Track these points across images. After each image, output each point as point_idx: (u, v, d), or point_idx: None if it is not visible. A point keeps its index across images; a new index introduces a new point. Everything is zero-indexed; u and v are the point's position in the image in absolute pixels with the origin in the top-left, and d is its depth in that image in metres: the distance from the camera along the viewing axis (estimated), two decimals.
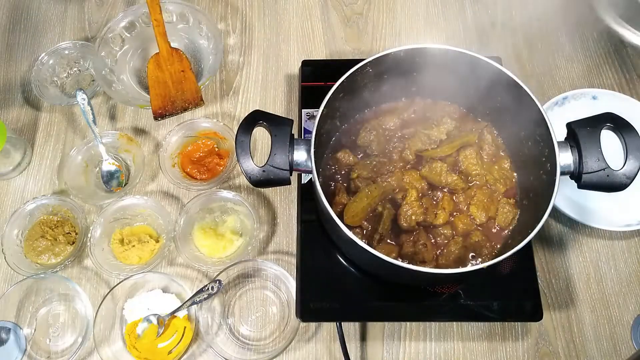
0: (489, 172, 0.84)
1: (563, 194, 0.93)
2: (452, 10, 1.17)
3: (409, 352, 0.88)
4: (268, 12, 1.18)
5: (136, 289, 0.91)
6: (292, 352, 0.88)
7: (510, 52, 1.11)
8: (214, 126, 1.01)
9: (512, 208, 0.82)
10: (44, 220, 0.95)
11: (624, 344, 0.88)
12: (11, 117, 1.07)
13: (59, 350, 0.89)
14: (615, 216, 0.93)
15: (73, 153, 0.98)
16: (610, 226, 0.92)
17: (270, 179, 0.73)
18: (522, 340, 0.88)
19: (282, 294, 0.92)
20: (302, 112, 0.97)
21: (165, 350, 0.86)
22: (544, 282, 0.92)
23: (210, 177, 0.98)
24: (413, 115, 0.90)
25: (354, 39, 1.15)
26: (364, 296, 0.86)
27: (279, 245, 0.96)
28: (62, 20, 1.17)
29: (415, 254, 0.79)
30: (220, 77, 1.10)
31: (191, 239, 0.94)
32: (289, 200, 0.99)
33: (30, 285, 0.90)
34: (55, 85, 1.10)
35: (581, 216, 0.92)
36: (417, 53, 0.80)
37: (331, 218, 0.70)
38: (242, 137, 0.73)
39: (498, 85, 0.80)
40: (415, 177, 0.83)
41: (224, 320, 0.90)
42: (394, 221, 0.81)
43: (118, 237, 0.94)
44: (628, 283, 0.92)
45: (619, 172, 0.71)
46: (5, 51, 1.13)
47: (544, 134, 0.74)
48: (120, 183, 0.99)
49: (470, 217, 0.82)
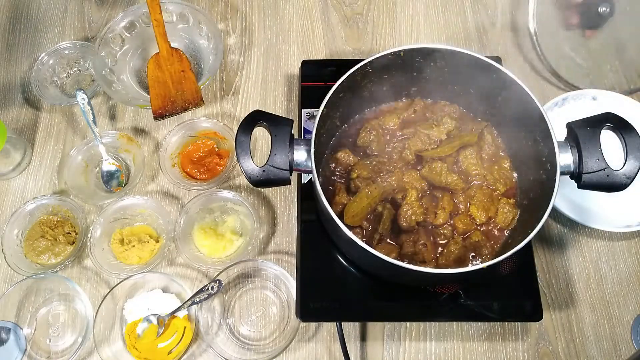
0: (489, 172, 0.84)
1: (563, 194, 0.93)
2: (452, 10, 1.17)
3: (409, 352, 0.88)
4: (268, 12, 1.18)
5: (136, 289, 0.91)
6: (292, 352, 0.88)
7: (511, 52, 1.11)
8: (214, 126, 1.01)
9: (512, 208, 0.82)
10: (44, 220, 0.95)
11: (624, 344, 0.88)
12: (11, 117, 1.07)
13: (59, 350, 0.89)
14: (615, 217, 0.93)
15: (73, 153, 0.98)
16: (611, 227, 0.92)
17: (270, 179, 0.73)
18: (522, 340, 0.88)
19: (282, 294, 0.92)
20: (302, 112, 0.97)
21: (165, 350, 0.86)
22: (544, 282, 0.92)
23: (210, 177, 0.98)
24: (413, 115, 0.90)
25: (354, 39, 1.15)
26: (364, 296, 0.86)
27: (279, 245, 0.96)
28: (62, 20, 1.17)
29: (415, 254, 0.79)
30: (220, 77, 1.10)
31: (191, 239, 0.94)
32: (289, 200, 0.99)
33: (30, 285, 0.90)
34: (55, 85, 1.10)
35: (581, 217, 0.92)
36: (417, 53, 0.80)
37: (331, 218, 0.70)
38: (242, 137, 0.73)
39: (498, 85, 0.80)
40: (415, 177, 0.83)
41: (224, 320, 0.90)
42: (394, 221, 0.81)
43: (118, 237, 0.94)
44: (628, 283, 0.92)
45: (619, 172, 0.71)
46: (5, 51, 1.13)
47: (544, 134, 0.75)
48: (120, 183, 0.99)
49: (470, 217, 0.82)
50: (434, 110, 0.90)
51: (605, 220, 0.93)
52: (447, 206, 0.82)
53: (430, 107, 0.90)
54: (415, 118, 0.90)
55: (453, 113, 0.89)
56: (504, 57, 1.10)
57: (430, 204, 0.82)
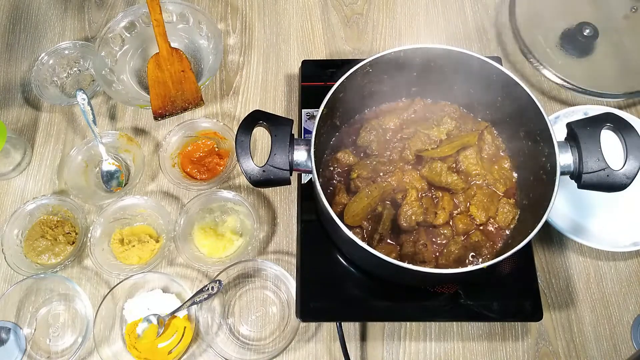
0: (489, 172, 0.84)
1: (563, 214, 0.94)
2: (452, 10, 1.17)
3: (409, 352, 0.88)
4: (268, 12, 1.18)
5: (136, 289, 0.91)
6: (292, 352, 0.88)
7: (511, 52, 1.11)
8: (214, 126, 1.01)
9: (512, 208, 0.82)
10: (44, 220, 0.95)
11: (624, 344, 0.88)
12: (11, 117, 1.07)
13: (59, 350, 0.89)
14: (619, 236, 0.93)
15: (73, 153, 0.98)
16: (614, 247, 0.91)
17: (270, 179, 0.73)
18: (522, 340, 0.88)
19: (282, 294, 0.92)
20: (302, 112, 0.97)
21: (165, 350, 0.86)
22: (544, 282, 0.92)
23: (210, 177, 0.98)
24: (413, 115, 0.90)
25: (354, 39, 1.15)
26: (364, 296, 0.85)
27: (279, 245, 0.96)
28: (62, 20, 1.17)
29: (415, 254, 0.79)
30: (220, 77, 1.10)
31: (191, 239, 0.94)
32: (289, 200, 0.99)
33: (30, 285, 0.90)
34: (55, 85, 1.10)
35: (582, 238, 0.91)
36: (417, 53, 0.80)
37: (331, 218, 0.70)
38: (242, 137, 0.73)
39: (498, 85, 0.80)
40: (415, 177, 0.83)
41: (224, 320, 0.90)
42: (394, 221, 0.81)
43: (118, 237, 0.94)
44: (628, 283, 0.92)
45: (619, 172, 0.71)
46: (5, 51, 1.13)
47: (544, 134, 0.75)
48: (120, 183, 0.99)
49: (470, 217, 0.82)
50: (434, 110, 0.90)
51: (608, 241, 0.92)
52: (447, 206, 0.82)
53: (430, 107, 0.90)
54: (415, 118, 0.89)
55: (453, 113, 0.89)
56: (504, 57, 1.11)
57: (430, 204, 0.82)
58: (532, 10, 1.09)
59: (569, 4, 1.12)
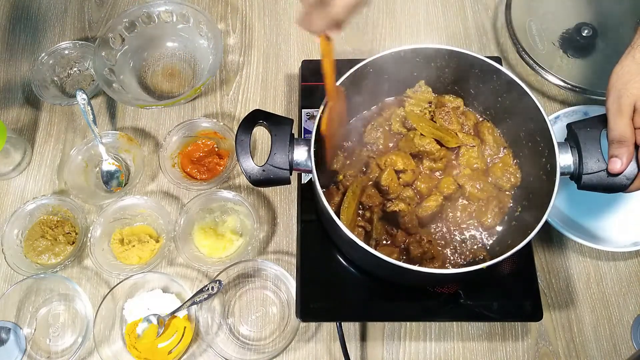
0: (490, 171, 0.84)
1: (563, 214, 0.94)
2: (452, 10, 1.17)
3: (409, 352, 0.88)
4: (268, 12, 1.18)
5: (136, 289, 0.91)
6: (292, 352, 0.88)
7: (511, 52, 1.11)
8: (213, 126, 1.01)
9: (514, 170, 0.82)
10: (44, 220, 0.95)
11: (624, 344, 0.88)
12: (11, 117, 1.07)
13: (59, 350, 0.89)
14: (619, 236, 0.93)
15: (73, 153, 0.98)
16: (614, 247, 0.91)
17: (270, 178, 0.73)
18: (522, 340, 0.88)
19: (282, 294, 0.92)
20: (302, 112, 0.97)
21: (165, 350, 0.86)
22: (544, 282, 0.92)
23: (210, 177, 0.98)
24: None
25: (354, 39, 1.15)
26: (364, 296, 0.85)
27: (279, 245, 0.96)
28: (62, 20, 1.17)
29: (424, 253, 0.79)
30: (220, 77, 1.10)
31: (191, 239, 0.94)
32: (289, 200, 0.99)
33: (30, 285, 0.90)
34: (55, 85, 1.10)
35: (582, 238, 0.90)
36: (417, 53, 0.80)
37: (331, 218, 0.70)
38: (242, 137, 0.73)
39: (498, 85, 0.80)
40: (396, 153, 0.82)
41: (224, 320, 0.90)
42: (385, 220, 0.81)
43: (118, 237, 0.94)
44: (628, 283, 0.92)
45: None
46: (5, 51, 1.13)
47: (544, 134, 0.75)
48: (120, 183, 0.99)
49: (457, 183, 0.82)
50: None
51: (609, 240, 0.92)
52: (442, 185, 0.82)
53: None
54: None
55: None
56: (503, 57, 1.11)
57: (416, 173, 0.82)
58: (532, 11, 1.09)
59: (568, 4, 1.12)
